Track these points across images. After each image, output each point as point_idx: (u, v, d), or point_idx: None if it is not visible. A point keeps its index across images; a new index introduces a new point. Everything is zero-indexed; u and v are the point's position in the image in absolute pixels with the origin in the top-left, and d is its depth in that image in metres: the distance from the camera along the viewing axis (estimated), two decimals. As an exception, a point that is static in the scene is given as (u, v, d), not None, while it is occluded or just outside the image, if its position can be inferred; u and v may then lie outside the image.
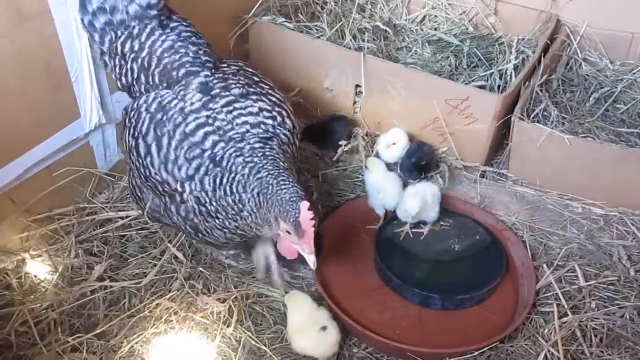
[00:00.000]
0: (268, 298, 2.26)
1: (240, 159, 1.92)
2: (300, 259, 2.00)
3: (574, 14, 3.08)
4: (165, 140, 1.97)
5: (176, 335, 2.05)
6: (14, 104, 2.16)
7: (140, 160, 2.01)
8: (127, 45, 2.12)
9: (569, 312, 2.13)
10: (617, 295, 2.21)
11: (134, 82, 2.14)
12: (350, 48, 2.99)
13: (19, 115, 2.20)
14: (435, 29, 3.34)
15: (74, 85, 2.31)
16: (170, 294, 2.19)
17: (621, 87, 2.96)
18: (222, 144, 1.95)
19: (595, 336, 2.06)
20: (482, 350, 2.03)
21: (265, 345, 2.05)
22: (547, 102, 2.77)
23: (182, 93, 2.03)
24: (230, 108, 2.02)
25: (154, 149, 1.98)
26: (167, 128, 1.97)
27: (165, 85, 2.08)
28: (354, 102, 3.00)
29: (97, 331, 2.04)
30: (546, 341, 2.02)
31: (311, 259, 1.92)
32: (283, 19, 3.00)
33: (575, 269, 2.31)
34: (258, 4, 2.98)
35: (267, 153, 1.95)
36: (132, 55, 2.12)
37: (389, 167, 2.72)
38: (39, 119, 2.26)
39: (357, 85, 2.92)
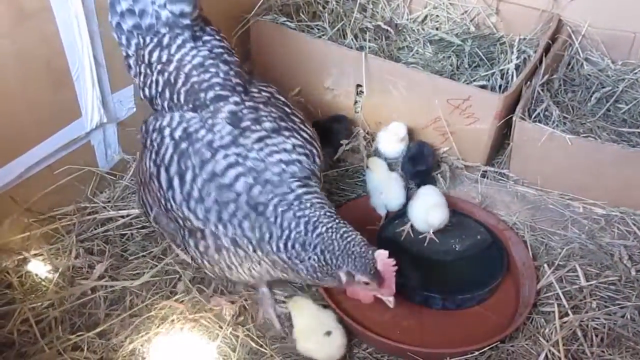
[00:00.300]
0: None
1: (290, 214, 1.77)
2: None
3: (575, 13, 3.08)
4: (189, 176, 1.82)
5: (177, 335, 2.05)
6: (15, 102, 2.16)
7: (162, 192, 1.88)
8: (155, 55, 2.00)
9: (569, 312, 2.13)
10: (618, 295, 2.21)
11: (157, 96, 2.02)
12: (351, 48, 2.98)
13: (20, 114, 2.20)
14: (437, 29, 3.33)
15: (75, 84, 2.31)
16: (177, 296, 2.20)
17: (623, 87, 2.95)
18: (258, 188, 1.79)
19: (597, 336, 2.06)
20: (483, 350, 2.03)
21: (265, 346, 2.05)
22: (548, 102, 2.77)
23: (210, 121, 1.88)
24: (262, 145, 1.86)
25: (176, 182, 1.84)
26: (193, 162, 1.82)
27: (191, 106, 1.94)
28: (355, 102, 3.00)
29: (98, 330, 2.04)
30: (547, 341, 2.02)
31: (391, 300, 1.85)
32: (284, 19, 3.00)
33: (576, 269, 2.31)
34: (259, 3, 2.98)
35: (314, 201, 1.82)
36: (158, 67, 2.00)
37: (390, 167, 2.72)
38: (40, 118, 2.26)
39: (359, 85, 2.92)
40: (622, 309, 2.15)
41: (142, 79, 2.06)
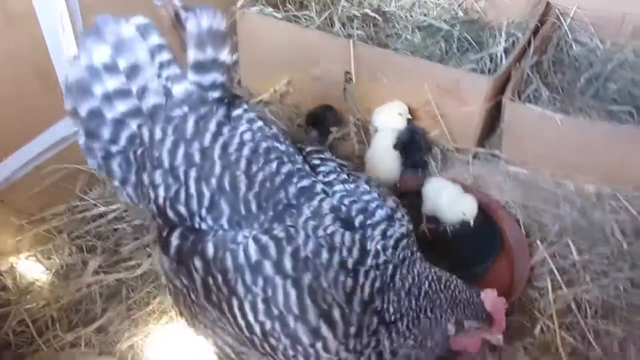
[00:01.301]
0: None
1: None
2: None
3: (564, -5, 3.07)
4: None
5: (177, 329, 2.05)
6: (1, 104, 2.15)
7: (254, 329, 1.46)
8: (180, 152, 1.46)
9: (563, 286, 2.14)
10: (610, 268, 2.22)
11: (201, 211, 1.47)
12: (339, 36, 2.98)
13: (7, 116, 2.18)
14: (425, 15, 3.33)
15: (61, 85, 2.29)
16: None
17: (612, 67, 2.95)
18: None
19: (590, 308, 2.07)
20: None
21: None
22: (537, 83, 2.78)
23: (321, 232, 1.44)
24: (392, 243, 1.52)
25: (324, 329, 1.42)
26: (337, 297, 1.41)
27: (271, 214, 1.46)
28: (344, 90, 3.00)
29: (96, 325, 2.04)
30: (542, 314, 2.04)
31: (500, 339, 1.66)
32: (271, 9, 2.99)
33: (569, 244, 2.31)
34: (245, -6, 2.97)
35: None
36: (190, 170, 1.47)
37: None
38: (27, 119, 2.25)
39: (347, 73, 2.91)
40: (615, 281, 2.16)
41: (160, 193, 1.49)
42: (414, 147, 2.71)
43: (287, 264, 1.39)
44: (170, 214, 1.49)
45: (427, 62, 2.80)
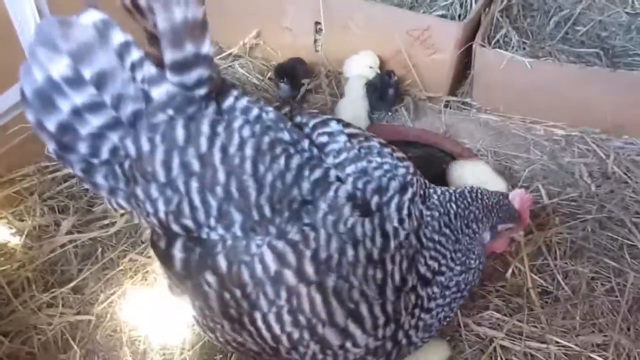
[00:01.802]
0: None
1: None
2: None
3: (532, -62, 3.04)
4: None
5: (152, 286, 2.05)
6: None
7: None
8: (175, 163, 1.28)
9: (534, 229, 2.18)
10: (579, 210, 2.27)
11: (209, 222, 1.32)
12: (307, -16, 2.91)
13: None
14: (395, -39, 3.26)
15: (20, 38, 2.21)
16: (142, 245, 2.18)
17: (580, 9, 2.98)
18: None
19: (560, 249, 2.13)
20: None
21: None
22: (507, 27, 2.78)
23: (342, 227, 1.35)
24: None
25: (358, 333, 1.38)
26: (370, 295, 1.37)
27: (287, 214, 1.33)
28: (315, 40, 2.95)
29: (72, 285, 2.03)
30: (513, 258, 2.09)
31: (522, 234, 1.78)
32: (235, -43, 2.90)
33: (539, 189, 2.37)
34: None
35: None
36: (191, 181, 1.29)
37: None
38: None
39: (317, 23, 2.86)
40: (583, 222, 2.22)
41: (155, 207, 1.33)
42: (384, 86, 2.71)
43: (309, 269, 1.30)
44: (175, 227, 1.33)
45: (397, 9, 2.78)
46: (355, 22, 2.78)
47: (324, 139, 1.47)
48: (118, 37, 1.23)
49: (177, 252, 1.36)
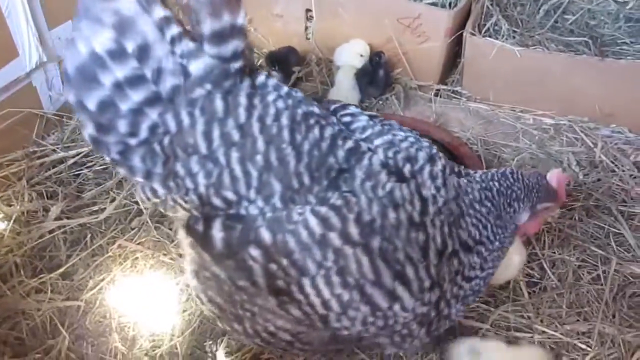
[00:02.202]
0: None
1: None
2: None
3: None
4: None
5: (141, 272, 2.05)
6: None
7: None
8: (215, 134, 1.30)
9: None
10: (566, 199, 2.29)
11: (249, 193, 1.34)
12: (298, -30, 2.90)
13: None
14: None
15: (7, 21, 2.18)
16: (134, 231, 2.17)
17: (569, -2, 2.99)
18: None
19: (548, 238, 2.15)
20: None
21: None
22: (497, 16, 2.79)
23: (380, 191, 1.37)
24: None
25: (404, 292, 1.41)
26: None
27: (325, 182, 1.35)
28: (306, 28, 2.94)
29: (60, 271, 2.03)
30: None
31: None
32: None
33: (527, 177, 2.38)
34: None
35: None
36: (231, 151, 1.31)
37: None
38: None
39: (308, 10, 2.85)
40: (571, 211, 2.24)
41: (199, 180, 1.33)
42: (375, 67, 2.71)
43: (353, 231, 1.32)
44: (216, 201, 1.34)
45: (388, -3, 2.77)
46: (346, 10, 2.77)
47: (347, 118, 1.51)
48: (159, 11, 1.23)
49: (217, 232, 1.35)
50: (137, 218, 2.21)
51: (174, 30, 1.24)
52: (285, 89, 1.40)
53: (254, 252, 1.33)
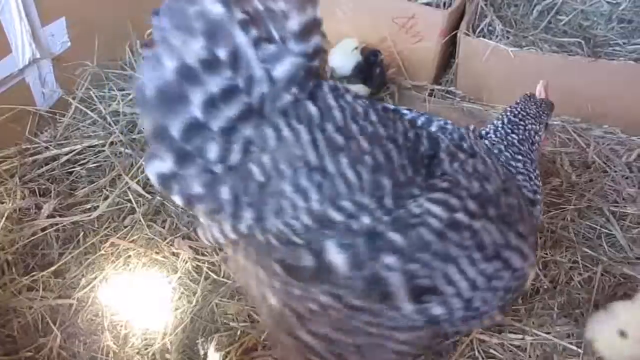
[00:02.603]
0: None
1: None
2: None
3: None
4: None
5: (134, 271, 2.04)
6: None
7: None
8: (321, 141, 1.20)
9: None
10: (559, 200, 2.30)
11: (363, 199, 1.23)
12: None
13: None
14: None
15: (0, 18, 2.17)
16: (126, 229, 2.16)
17: (562, -1, 3.00)
18: None
19: (540, 239, 2.16)
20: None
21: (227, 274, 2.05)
22: (491, 16, 2.80)
23: (469, 169, 1.39)
24: None
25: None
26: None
27: (424, 170, 1.32)
28: (300, 26, 2.93)
29: (52, 269, 2.02)
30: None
31: None
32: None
33: (520, 178, 2.39)
34: None
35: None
36: (339, 156, 1.20)
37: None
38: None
39: (303, 8, 2.85)
40: (563, 212, 2.25)
41: (312, 196, 1.21)
42: (370, 66, 2.71)
43: (472, 206, 1.31)
44: (334, 215, 1.21)
45: (383, -4, 2.77)
46: (341, 9, 2.77)
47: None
48: (238, 13, 1.12)
49: (336, 256, 1.23)
50: (130, 216, 2.19)
51: (253, 32, 1.13)
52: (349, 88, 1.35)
53: (389, 259, 1.24)
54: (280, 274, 1.29)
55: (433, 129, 1.49)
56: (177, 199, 1.23)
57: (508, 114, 1.71)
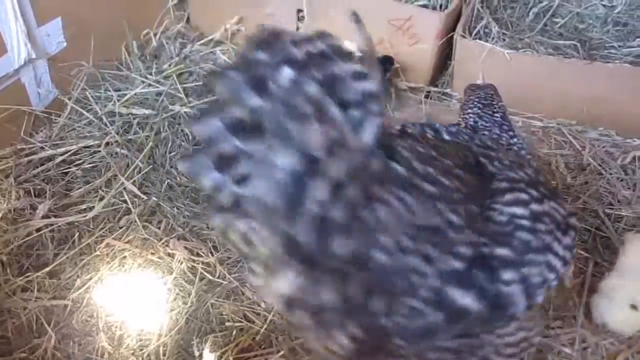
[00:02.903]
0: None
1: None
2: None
3: None
4: None
5: (129, 272, 2.04)
6: None
7: None
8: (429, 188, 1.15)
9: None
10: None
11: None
12: (289, -30, 2.89)
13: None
14: (377, -50, 3.25)
15: (-3, 20, 2.17)
16: (121, 230, 2.16)
17: (558, 1, 3.01)
18: None
19: (536, 240, 2.16)
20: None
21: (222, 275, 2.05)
22: (488, 18, 2.80)
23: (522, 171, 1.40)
24: None
25: None
26: None
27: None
28: (297, 28, 2.94)
29: (47, 270, 2.01)
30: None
31: None
32: (218, -58, 2.87)
33: (516, 180, 2.39)
34: None
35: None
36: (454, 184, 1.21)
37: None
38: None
39: (299, 10, 2.85)
40: (559, 214, 2.26)
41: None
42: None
43: (533, 192, 1.32)
44: (456, 264, 1.12)
45: (380, -1, 2.78)
46: (337, 10, 2.77)
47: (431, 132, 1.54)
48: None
49: (465, 298, 1.13)
50: (125, 217, 2.19)
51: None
52: None
53: (506, 275, 1.20)
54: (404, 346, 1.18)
55: (447, 137, 1.50)
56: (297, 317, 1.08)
57: (476, 102, 1.86)
